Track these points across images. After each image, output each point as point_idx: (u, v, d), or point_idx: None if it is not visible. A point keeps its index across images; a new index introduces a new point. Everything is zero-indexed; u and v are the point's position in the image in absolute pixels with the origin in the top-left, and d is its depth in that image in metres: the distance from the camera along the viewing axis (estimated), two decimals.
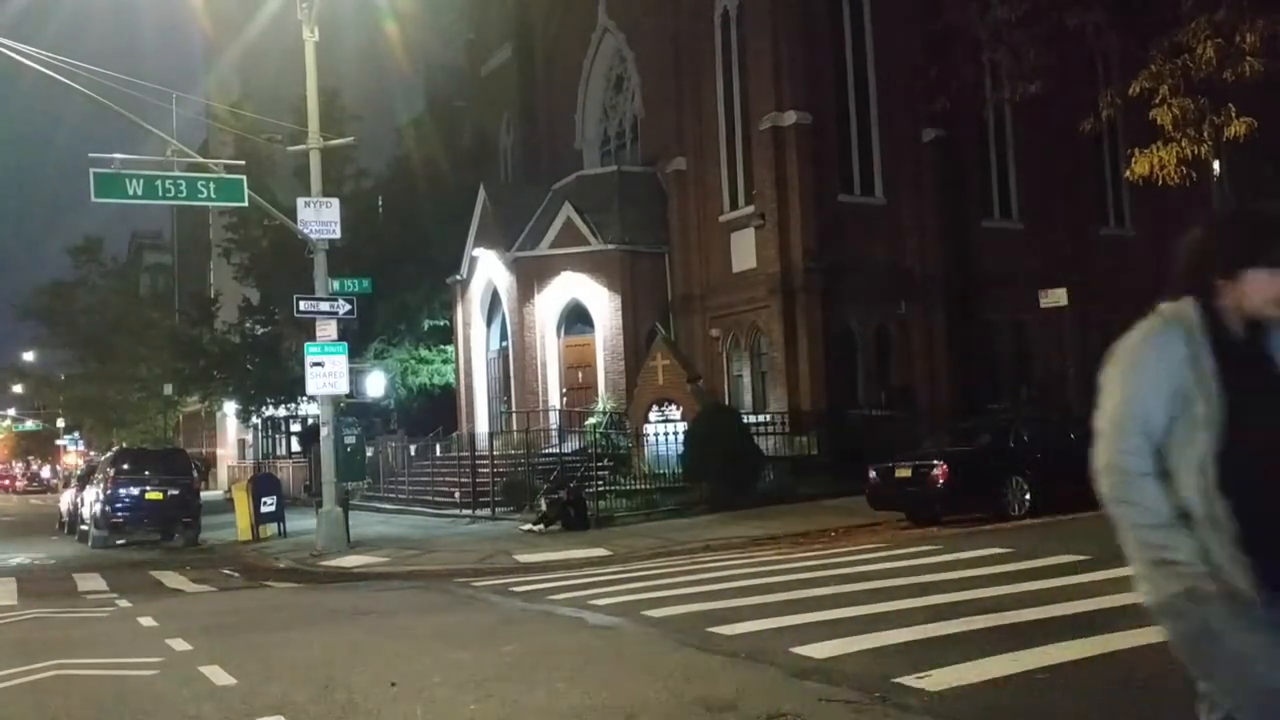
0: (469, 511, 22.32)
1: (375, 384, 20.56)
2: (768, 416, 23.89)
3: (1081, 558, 10.79)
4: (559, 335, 27.61)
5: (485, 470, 24.02)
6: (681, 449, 21.49)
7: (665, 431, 22.60)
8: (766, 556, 13.97)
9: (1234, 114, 20.48)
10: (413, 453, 29.72)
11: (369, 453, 31.78)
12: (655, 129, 28.77)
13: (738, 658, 7.49)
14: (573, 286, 27.14)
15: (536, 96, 33.75)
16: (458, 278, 30.06)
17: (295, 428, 42.21)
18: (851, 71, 25.60)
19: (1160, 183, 21.87)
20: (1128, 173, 22.84)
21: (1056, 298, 22.48)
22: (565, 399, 27.32)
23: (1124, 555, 2.95)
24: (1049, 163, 26.73)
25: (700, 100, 26.93)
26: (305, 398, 31.81)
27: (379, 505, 26.58)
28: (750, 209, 25.30)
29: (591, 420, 25.37)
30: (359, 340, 28.58)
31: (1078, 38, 22.89)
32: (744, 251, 25.59)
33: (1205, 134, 20.84)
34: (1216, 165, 24.07)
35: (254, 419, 40.92)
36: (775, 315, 24.23)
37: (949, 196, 25.61)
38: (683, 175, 27.24)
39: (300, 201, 18.71)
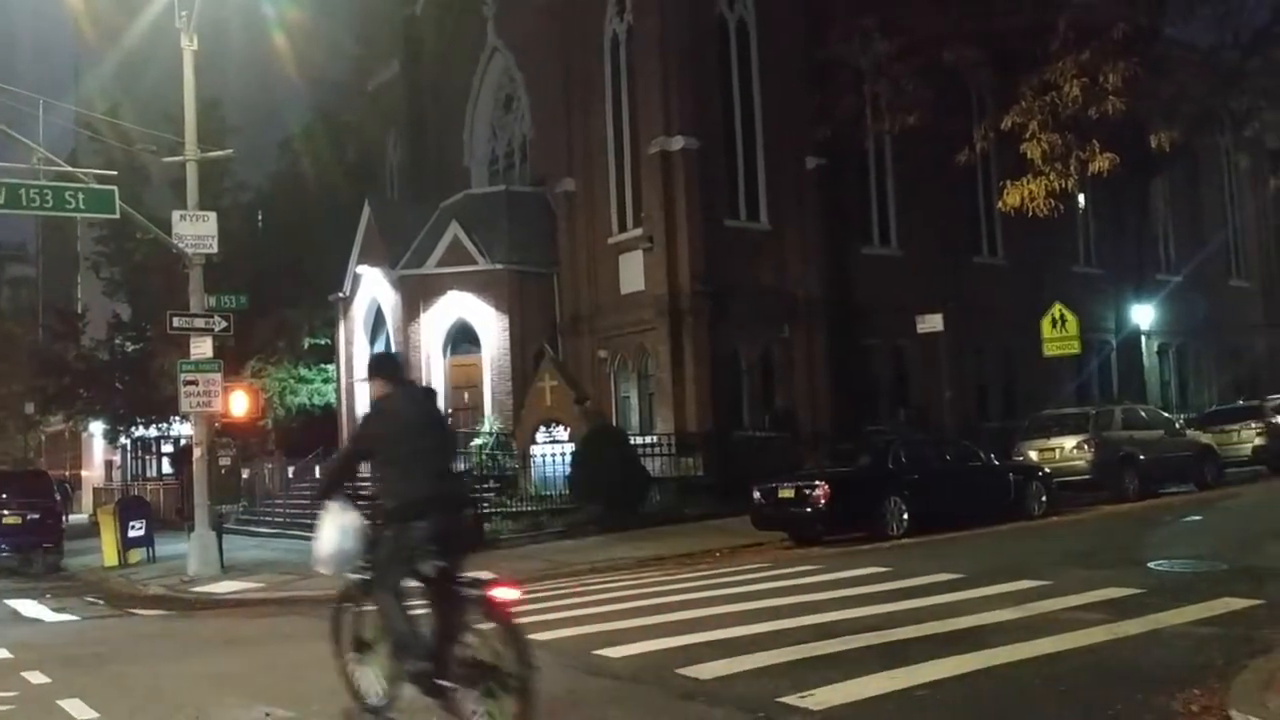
0: None
1: (238, 404, 19.96)
2: (655, 438, 23.98)
3: (957, 575, 11.11)
4: (445, 355, 27.26)
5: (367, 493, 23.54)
6: (569, 470, 21.41)
7: (553, 452, 22.51)
8: (653, 577, 13.98)
9: (1098, 150, 21.53)
10: (291, 474, 28.89)
11: (244, 474, 30.92)
12: (545, 149, 28.74)
13: (624, 680, 7.46)
14: (459, 306, 26.85)
15: (424, 113, 33.39)
16: (340, 295, 29.44)
17: (167, 448, 40.67)
18: (739, 99, 26.03)
19: (1030, 214, 22.83)
20: (1000, 203, 23.79)
21: (933, 323, 23.19)
22: (451, 420, 26.94)
23: (997, 573, 3.03)
24: (926, 192, 27.59)
25: (590, 122, 27.02)
26: (178, 417, 30.79)
27: (255, 529, 25.74)
28: (639, 231, 25.46)
29: (477, 441, 25.08)
30: (235, 358, 27.74)
31: (954, 73, 23.81)
32: (632, 273, 25.72)
33: (1072, 168, 21.84)
34: (1081, 198, 25.28)
35: (123, 439, 39.29)
36: (663, 337, 24.39)
37: (831, 223, 26.20)
38: (572, 196, 27.27)
39: (176, 215, 18.10)
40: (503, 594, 5.87)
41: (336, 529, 6.37)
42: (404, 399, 6.44)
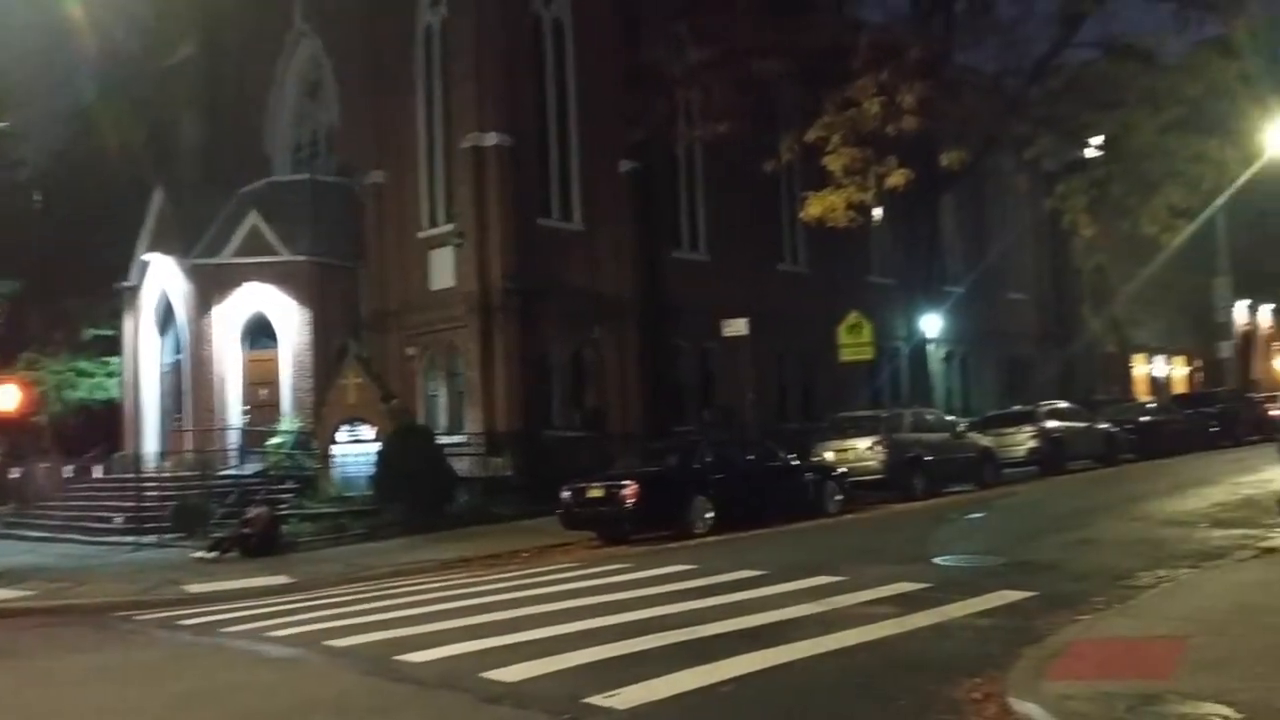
0: (133, 539, 20.48)
1: (8, 398, 18.49)
2: (464, 437, 23.66)
3: (759, 572, 11.40)
4: (242, 349, 26.05)
5: (153, 493, 22.26)
6: (373, 470, 20.84)
7: (356, 452, 21.84)
8: (459, 580, 13.76)
9: (895, 165, 22.68)
10: (68, 474, 26.95)
11: (15, 474, 28.63)
12: (353, 139, 27.85)
13: (427, 686, 7.29)
14: (258, 298, 25.71)
15: (224, 95, 31.70)
16: (127, 284, 27.66)
17: None
18: (554, 98, 26.00)
19: (831, 224, 23.84)
20: (803, 213, 24.76)
21: (738, 327, 23.79)
22: (248, 417, 25.78)
23: (796, 569, 3.09)
24: (735, 200, 28.31)
25: (401, 113, 26.38)
26: None
27: (25, 533, 23.81)
28: (450, 227, 25.04)
29: (276, 440, 24.10)
30: (6, 349, 25.68)
31: (763, 84, 24.56)
32: (443, 269, 25.28)
33: (870, 182, 22.93)
34: (878, 211, 26.54)
35: None
36: (473, 335, 24.08)
37: (643, 226, 26.51)
38: (381, 188, 26.55)
39: None
40: None
41: None
42: None
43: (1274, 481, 16.71)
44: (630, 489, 15.85)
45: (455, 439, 23.53)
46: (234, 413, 25.79)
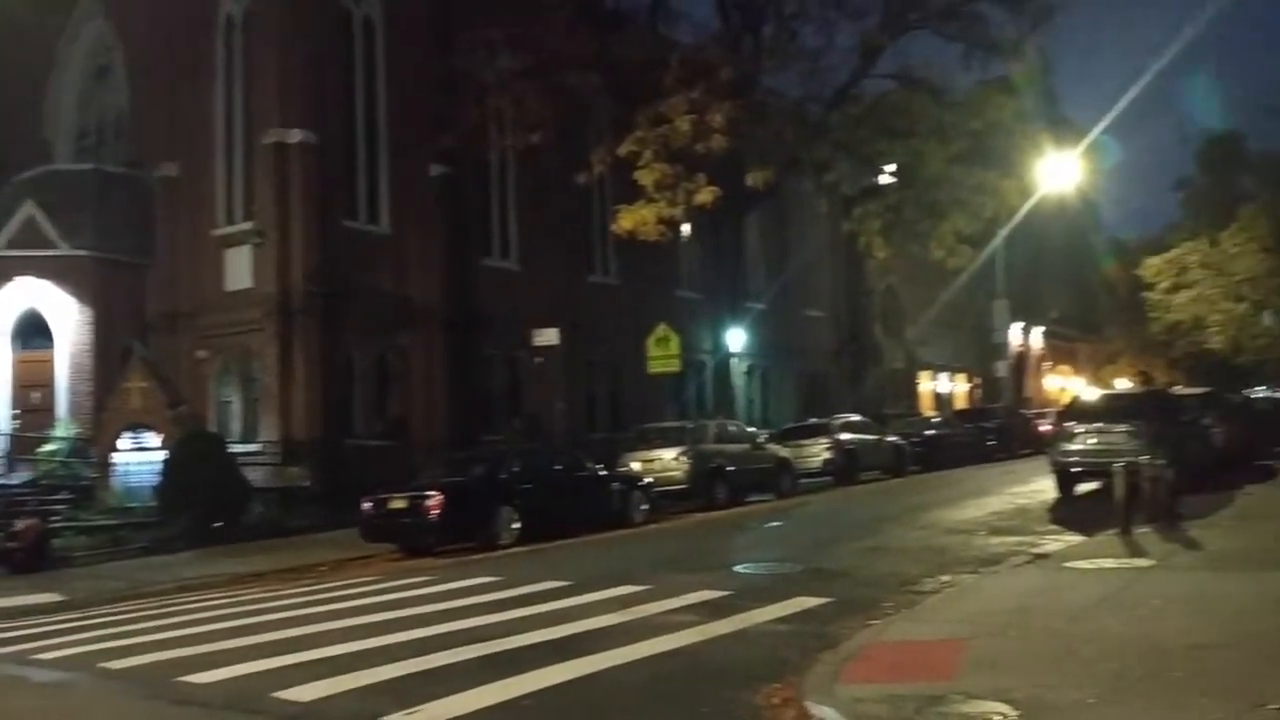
0: None
1: None
2: (259, 446, 22.65)
3: (565, 583, 11.38)
4: (12, 349, 24.11)
5: None
6: (159, 480, 19.67)
7: (140, 461, 20.57)
8: (251, 595, 13.13)
9: (704, 183, 23.21)
10: None
11: None
12: (144, 129, 26.25)
13: (212, 708, 6.93)
14: (32, 294, 23.89)
15: None
16: None
17: None
18: (363, 97, 25.31)
19: (642, 238, 24.16)
20: (615, 226, 24.99)
21: (548, 337, 23.80)
22: (17, 422, 23.87)
23: (602, 579, 3.08)
24: (547, 210, 28.28)
25: (199, 104, 25.05)
26: None
27: None
28: (249, 225, 23.96)
29: (49, 447, 22.44)
30: None
31: (576, 96, 24.67)
32: (239, 270, 24.14)
33: (680, 198, 23.38)
34: (687, 227, 27.12)
35: None
36: (271, 339, 23.10)
37: (453, 232, 26.12)
38: (174, 182, 25.14)
39: None
40: None
41: None
42: None
43: (1045, 492, 18.01)
44: (434, 500, 15.54)
45: (250, 447, 22.52)
46: (2, 417, 23.86)
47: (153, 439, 21.00)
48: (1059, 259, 53.31)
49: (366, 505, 16.30)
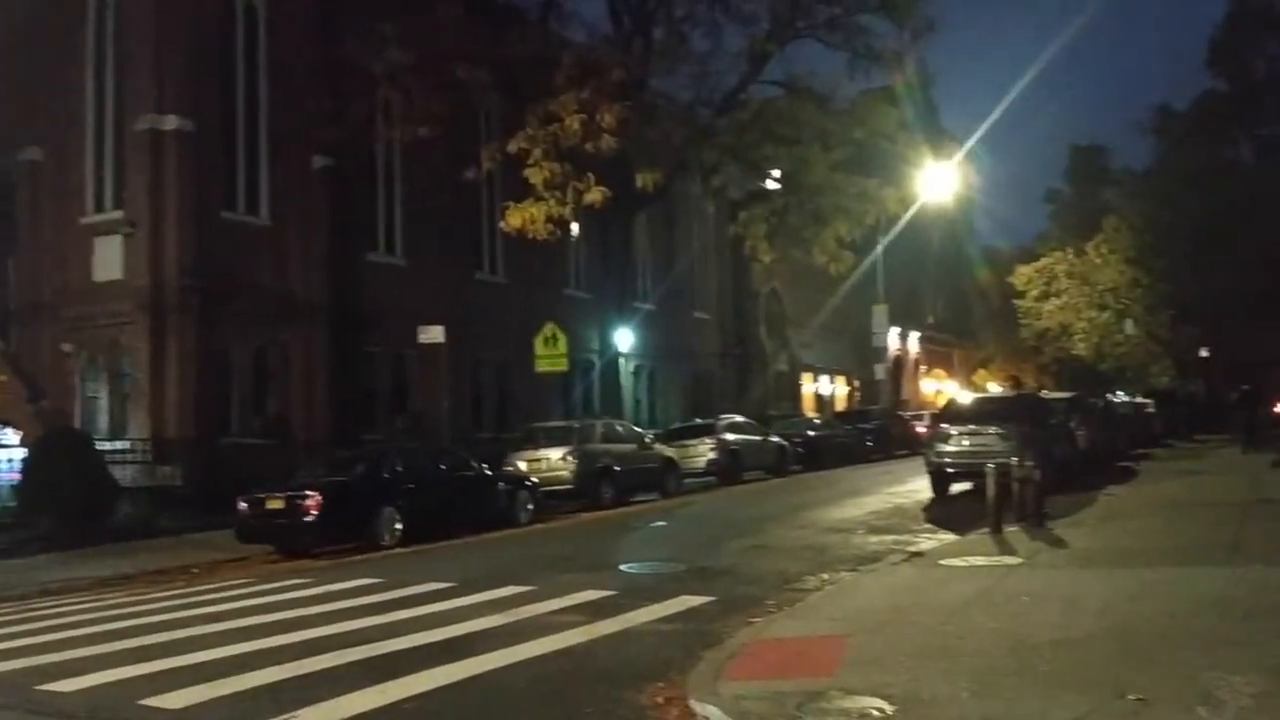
0: None
1: None
2: (128, 443, 21.73)
3: (448, 584, 11.25)
4: None
5: None
6: (17, 479, 18.72)
7: None
8: (117, 599, 12.60)
9: (593, 182, 23.19)
10: None
11: None
12: (4, 110, 24.95)
13: (74, 718, 6.60)
14: None
15: None
16: None
17: None
18: (243, 85, 24.51)
19: (530, 236, 24.01)
20: (503, 224, 24.77)
21: (434, 334, 23.44)
22: None
23: (486, 580, 3.05)
24: (434, 205, 27.82)
25: (64, 87, 23.90)
26: None
27: None
28: (120, 214, 22.97)
29: None
30: None
31: (466, 91, 24.37)
32: (109, 260, 23.13)
33: (569, 197, 23.31)
34: (576, 226, 27.06)
35: None
36: (142, 333, 22.20)
37: (337, 226, 25.50)
38: (36, 166, 23.96)
39: None
40: None
41: None
42: None
43: (920, 492, 18.55)
44: (312, 500, 15.16)
45: (118, 445, 21.57)
46: None
47: (12, 435, 19.99)
48: (937, 267, 55.08)
49: (242, 505, 15.81)
